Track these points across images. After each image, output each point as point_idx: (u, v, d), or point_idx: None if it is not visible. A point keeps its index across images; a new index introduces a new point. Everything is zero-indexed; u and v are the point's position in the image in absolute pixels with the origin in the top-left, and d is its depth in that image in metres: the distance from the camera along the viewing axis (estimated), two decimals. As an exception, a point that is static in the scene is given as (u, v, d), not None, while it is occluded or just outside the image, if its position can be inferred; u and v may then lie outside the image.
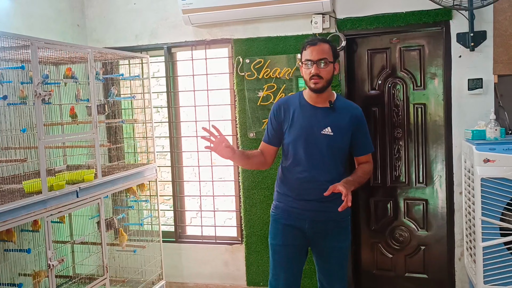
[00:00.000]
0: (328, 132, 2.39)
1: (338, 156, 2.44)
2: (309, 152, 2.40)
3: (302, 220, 2.44)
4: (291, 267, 2.50)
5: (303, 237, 2.46)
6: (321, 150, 2.39)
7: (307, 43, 2.40)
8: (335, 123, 2.41)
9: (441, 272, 3.58)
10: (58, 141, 3.22)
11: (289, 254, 2.49)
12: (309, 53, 2.36)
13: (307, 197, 2.41)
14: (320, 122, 2.41)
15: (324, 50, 2.36)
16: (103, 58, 3.65)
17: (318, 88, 2.37)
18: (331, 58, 2.38)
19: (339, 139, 2.41)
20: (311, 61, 2.35)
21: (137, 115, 3.91)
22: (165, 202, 4.97)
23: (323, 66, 2.35)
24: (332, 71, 2.40)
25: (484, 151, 2.78)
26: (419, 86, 3.56)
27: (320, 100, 2.44)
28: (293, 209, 2.45)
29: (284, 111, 2.48)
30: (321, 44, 2.37)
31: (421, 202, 3.63)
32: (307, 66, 2.37)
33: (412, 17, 3.38)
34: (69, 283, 3.24)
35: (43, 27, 3.63)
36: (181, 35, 3.93)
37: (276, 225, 2.53)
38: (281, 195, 2.52)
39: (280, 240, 2.50)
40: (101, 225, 3.18)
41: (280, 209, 2.52)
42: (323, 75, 2.35)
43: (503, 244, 2.76)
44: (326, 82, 2.37)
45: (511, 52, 3.17)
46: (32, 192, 2.63)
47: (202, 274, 4.05)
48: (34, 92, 2.60)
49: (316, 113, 2.43)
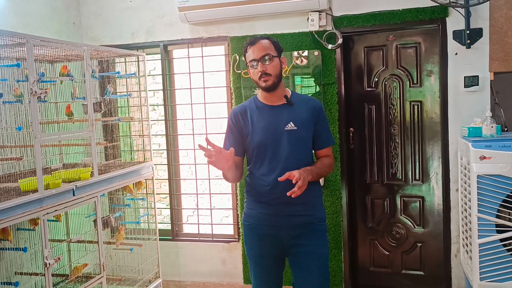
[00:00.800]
0: (292, 127, 2.32)
1: (304, 151, 2.35)
2: (276, 152, 2.32)
3: (277, 227, 2.33)
4: (272, 277, 2.44)
5: (280, 245, 2.36)
6: (288, 147, 2.31)
7: (246, 45, 2.34)
8: (297, 117, 2.34)
9: (437, 269, 3.59)
10: (54, 139, 3.21)
11: (268, 265, 2.42)
12: (251, 53, 2.30)
13: (280, 200, 2.29)
14: (281, 119, 2.34)
15: (265, 46, 2.30)
16: (99, 56, 3.64)
17: (269, 86, 2.30)
18: (274, 53, 2.31)
19: (303, 132, 2.34)
20: (255, 60, 2.28)
21: (134, 113, 3.90)
22: (161, 200, 4.97)
23: (268, 62, 2.28)
24: (279, 65, 2.32)
25: (480, 148, 2.79)
26: (415, 83, 3.56)
27: (276, 98, 2.37)
28: (267, 216, 2.35)
29: (242, 118, 2.39)
30: (260, 42, 2.31)
31: (417, 199, 3.64)
32: (253, 67, 2.30)
33: (408, 14, 3.39)
34: (66, 281, 3.23)
35: (38, 25, 3.62)
36: (178, 33, 3.92)
37: (251, 235, 2.43)
38: (252, 202, 2.42)
39: (257, 251, 2.41)
40: (97, 224, 3.18)
41: (253, 217, 2.41)
42: (270, 71, 2.28)
43: (499, 241, 2.77)
44: (275, 77, 2.30)
45: (507, 50, 3.18)
46: (28, 191, 2.62)
47: (199, 272, 4.05)
48: (30, 90, 2.59)
49: (275, 112, 2.36)
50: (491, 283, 2.79)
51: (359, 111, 3.71)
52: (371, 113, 3.69)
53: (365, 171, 3.74)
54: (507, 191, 2.72)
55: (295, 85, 3.65)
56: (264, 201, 2.35)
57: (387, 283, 3.75)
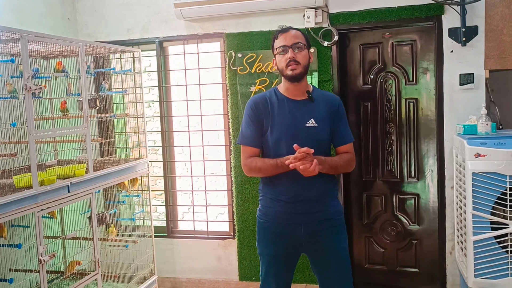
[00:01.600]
0: (313, 124, 2.28)
1: (324, 148, 2.31)
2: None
3: (296, 225, 2.28)
4: (283, 276, 2.40)
5: (296, 244, 2.32)
6: (307, 144, 2.20)
7: (277, 32, 2.31)
8: (317, 114, 2.30)
9: (432, 266, 3.60)
10: (49, 135, 3.19)
11: (282, 264, 2.37)
12: (282, 40, 2.26)
13: (298, 197, 2.27)
14: (302, 115, 2.29)
15: (297, 35, 2.28)
16: (94, 52, 3.62)
17: (296, 75, 2.25)
18: (305, 43, 2.28)
19: (324, 130, 2.30)
20: (286, 46, 2.25)
21: (129, 110, 3.88)
22: (157, 197, 4.96)
23: (298, 50, 2.25)
24: (308, 56, 2.30)
25: (476, 145, 2.80)
26: (411, 81, 3.57)
27: (298, 92, 2.32)
28: (284, 214, 2.30)
29: (263, 108, 2.32)
30: (292, 30, 2.29)
31: (412, 197, 3.65)
32: (281, 53, 2.26)
33: (404, 11, 3.39)
34: (61, 278, 3.23)
35: (33, 21, 3.59)
36: (173, 29, 3.91)
37: (266, 234, 2.38)
38: (269, 200, 2.35)
39: (272, 249, 2.36)
40: (92, 220, 3.17)
41: (270, 216, 2.34)
42: (299, 60, 2.24)
43: (494, 238, 2.78)
44: (303, 68, 2.26)
45: (502, 47, 3.18)
46: (23, 187, 2.61)
47: (194, 269, 4.05)
48: (24, 86, 2.57)
49: (296, 106, 2.31)
50: (486, 280, 2.80)
51: (354, 108, 3.71)
52: (367, 110, 3.70)
53: (361, 168, 3.74)
54: (502, 188, 2.73)
55: (291, 82, 3.64)
56: (281, 199, 2.30)
57: (382, 280, 3.77)
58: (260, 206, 2.42)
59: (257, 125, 2.34)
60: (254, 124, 2.34)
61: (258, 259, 3.81)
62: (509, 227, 2.73)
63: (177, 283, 4.10)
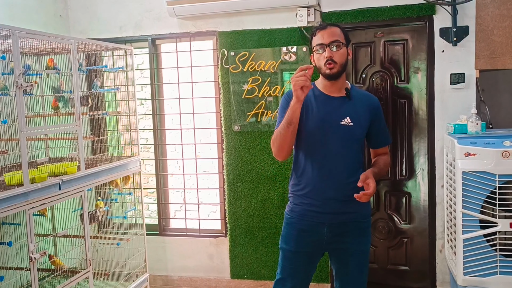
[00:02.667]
0: (348, 122, 2.25)
1: (357, 148, 2.30)
2: (328, 145, 2.24)
3: (321, 224, 2.27)
4: (300, 274, 2.36)
5: (318, 243, 2.31)
6: (341, 142, 2.24)
7: (316, 29, 2.28)
8: (354, 112, 2.26)
9: (422, 264, 3.63)
10: (40, 133, 3.18)
11: (300, 262, 2.34)
12: (320, 37, 2.23)
13: (327, 196, 2.25)
14: (338, 112, 2.26)
15: (335, 32, 2.24)
16: (86, 49, 3.61)
17: (334, 73, 2.22)
18: (343, 41, 2.25)
19: (359, 130, 2.27)
20: (323, 45, 2.22)
21: (121, 107, 3.87)
22: (149, 195, 4.96)
23: (336, 49, 2.22)
24: (346, 54, 2.26)
25: (466, 145, 2.82)
26: (402, 80, 3.59)
27: (335, 89, 2.29)
28: (311, 212, 2.28)
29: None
30: (331, 27, 2.25)
31: (404, 195, 3.67)
32: (319, 51, 2.24)
33: (396, 11, 3.41)
34: (52, 276, 3.21)
35: (24, 17, 3.57)
36: (166, 27, 3.90)
37: (289, 229, 2.36)
38: (298, 196, 2.33)
39: (292, 246, 2.34)
40: (84, 218, 3.16)
41: (296, 213, 2.33)
42: (337, 59, 2.21)
43: (483, 236, 2.80)
44: (340, 66, 2.23)
45: (492, 48, 3.21)
46: (14, 185, 2.60)
47: (186, 267, 4.05)
48: (16, 83, 2.56)
49: (333, 103, 2.28)
50: (475, 277, 2.83)
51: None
52: (359, 109, 3.71)
53: (352, 167, 3.75)
54: (491, 187, 2.75)
55: (284, 81, 3.66)
56: (312, 196, 2.28)
57: (373, 278, 3.78)
58: (289, 203, 2.42)
59: None
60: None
61: (249, 257, 3.85)
62: (498, 226, 2.75)
63: (169, 281, 4.09)
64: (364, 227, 2.35)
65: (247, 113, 3.74)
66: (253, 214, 3.80)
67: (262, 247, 3.81)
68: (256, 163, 3.74)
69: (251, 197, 3.79)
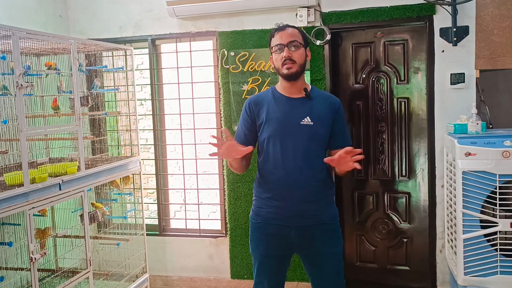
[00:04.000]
0: (308, 122, 2.24)
1: (319, 148, 2.28)
2: (289, 146, 2.24)
3: (287, 227, 2.25)
4: (275, 276, 2.37)
5: (288, 246, 2.30)
6: (301, 142, 2.23)
7: (274, 30, 2.29)
8: (314, 112, 2.27)
9: (422, 264, 3.63)
10: (40, 133, 3.17)
11: (273, 265, 2.35)
12: (279, 38, 2.25)
13: (291, 198, 2.23)
14: (297, 112, 2.26)
15: (294, 33, 2.26)
16: (86, 49, 3.61)
17: (292, 74, 2.23)
18: (301, 41, 2.27)
19: (320, 128, 2.26)
20: (282, 45, 2.23)
21: (121, 108, 3.87)
22: (149, 196, 4.95)
23: (294, 49, 2.23)
24: (304, 55, 2.28)
25: (466, 144, 2.82)
26: (402, 80, 3.59)
27: (295, 90, 2.30)
28: (276, 215, 2.27)
29: (257, 107, 2.33)
30: (289, 28, 2.27)
31: (404, 195, 3.67)
32: (278, 52, 2.25)
33: (396, 11, 3.41)
34: (52, 276, 3.21)
35: (24, 17, 3.57)
36: (166, 27, 3.90)
37: (257, 235, 2.36)
38: (261, 199, 2.33)
39: (263, 251, 2.34)
40: (84, 218, 3.16)
41: (261, 216, 2.32)
42: (295, 59, 2.22)
43: (483, 236, 2.81)
44: (299, 66, 2.25)
45: (492, 48, 3.21)
46: (14, 185, 2.60)
47: (186, 267, 4.04)
48: (16, 83, 2.56)
49: (292, 104, 2.29)
50: (475, 277, 2.83)
51: (346, 107, 3.73)
52: (359, 109, 3.71)
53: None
54: (491, 187, 2.76)
55: (284, 80, 3.65)
56: (273, 200, 2.28)
57: (373, 278, 3.79)
58: (253, 206, 2.41)
59: (249, 124, 2.35)
60: (246, 123, 2.36)
61: (250, 257, 3.83)
62: (499, 226, 2.76)
63: (168, 281, 4.09)
64: (332, 229, 2.32)
65: (247, 113, 3.73)
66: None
67: (262, 247, 3.80)
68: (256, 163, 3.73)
69: (251, 197, 3.77)
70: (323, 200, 2.29)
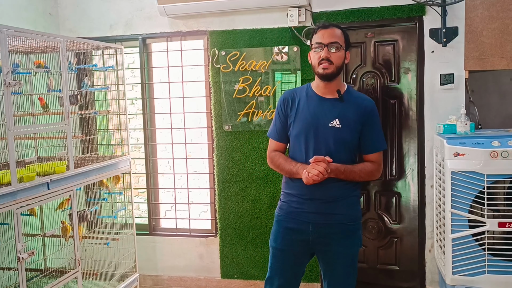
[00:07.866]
0: (336, 124, 2.23)
1: (346, 151, 2.27)
2: (315, 146, 2.25)
3: (306, 223, 2.28)
4: (287, 273, 2.37)
5: (304, 242, 2.31)
6: (327, 144, 2.23)
7: (318, 27, 2.28)
8: (344, 115, 2.25)
9: (412, 264, 3.65)
10: (28, 131, 3.15)
11: (286, 260, 2.36)
12: (320, 36, 2.24)
13: (313, 196, 2.25)
14: (327, 113, 2.25)
15: (336, 34, 2.24)
16: (76, 48, 3.58)
17: (327, 74, 2.23)
18: (343, 44, 2.25)
19: (348, 133, 2.25)
20: (322, 44, 2.23)
21: (111, 107, 3.85)
22: (139, 195, 4.93)
23: (334, 51, 2.22)
24: (343, 57, 2.26)
25: (455, 145, 2.84)
26: (393, 80, 3.60)
27: (329, 90, 2.29)
28: (297, 211, 2.30)
29: (290, 103, 2.34)
30: (333, 28, 2.25)
31: (393, 195, 3.69)
32: (317, 50, 2.25)
33: (386, 12, 3.42)
34: (40, 276, 3.19)
35: (13, 15, 3.54)
36: (157, 26, 3.89)
37: (277, 227, 2.39)
38: (286, 194, 2.37)
39: (279, 244, 2.36)
40: (73, 218, 3.14)
41: (283, 210, 2.37)
42: (333, 60, 2.22)
43: (471, 236, 2.82)
44: (336, 68, 2.23)
45: (482, 49, 3.24)
46: (1, 184, 2.57)
47: (176, 267, 4.03)
48: (4, 82, 2.54)
49: (323, 104, 2.28)
50: (463, 277, 2.84)
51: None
52: (349, 109, 3.72)
53: (343, 167, 3.76)
54: (480, 187, 2.78)
55: (275, 81, 3.66)
56: (297, 196, 2.30)
57: (363, 278, 3.79)
58: (279, 200, 2.44)
59: (283, 120, 2.37)
60: (280, 118, 2.38)
61: (240, 257, 3.85)
62: (486, 225, 2.77)
63: (159, 281, 4.08)
64: (351, 230, 2.32)
65: (238, 112, 3.73)
66: (244, 214, 3.80)
67: (252, 246, 3.81)
68: (247, 163, 3.74)
69: (242, 197, 3.79)
70: (343, 201, 2.28)
